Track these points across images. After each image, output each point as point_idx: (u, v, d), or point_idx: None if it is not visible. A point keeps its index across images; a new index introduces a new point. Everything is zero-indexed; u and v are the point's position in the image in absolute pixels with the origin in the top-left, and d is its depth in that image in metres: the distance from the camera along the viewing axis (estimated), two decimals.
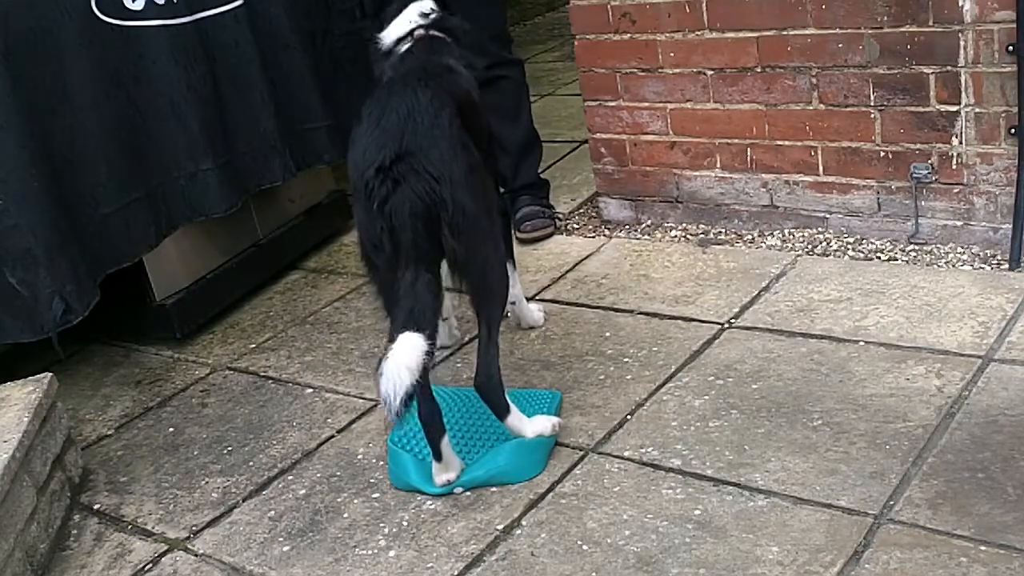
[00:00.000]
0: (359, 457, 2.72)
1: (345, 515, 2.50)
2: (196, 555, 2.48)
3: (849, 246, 3.30)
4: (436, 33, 2.70)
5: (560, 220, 3.90)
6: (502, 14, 3.88)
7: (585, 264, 3.53)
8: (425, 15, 2.70)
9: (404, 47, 2.66)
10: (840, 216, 3.37)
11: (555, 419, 2.56)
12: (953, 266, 3.08)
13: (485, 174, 2.51)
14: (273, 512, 2.57)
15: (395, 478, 2.56)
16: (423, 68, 2.51)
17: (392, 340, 2.18)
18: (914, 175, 3.17)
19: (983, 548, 2.01)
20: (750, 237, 3.51)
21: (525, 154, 3.87)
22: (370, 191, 2.23)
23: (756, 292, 3.13)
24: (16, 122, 2.89)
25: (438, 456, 2.44)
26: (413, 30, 2.68)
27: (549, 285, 3.41)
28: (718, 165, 3.55)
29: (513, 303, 3.03)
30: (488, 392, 2.42)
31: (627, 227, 3.78)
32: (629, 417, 2.65)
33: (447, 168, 2.26)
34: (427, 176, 2.23)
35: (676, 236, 3.62)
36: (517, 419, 2.48)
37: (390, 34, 2.71)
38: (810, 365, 2.71)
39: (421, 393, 2.26)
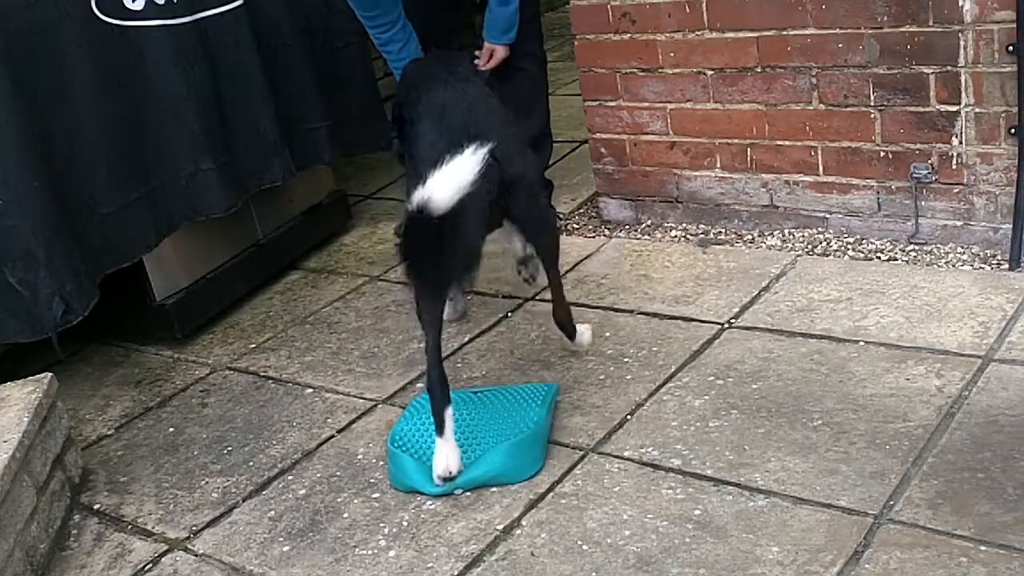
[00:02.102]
0: (359, 457, 2.72)
1: (345, 515, 2.50)
2: (196, 555, 2.48)
3: (849, 246, 3.30)
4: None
5: (561, 220, 3.90)
6: (530, 5, 3.79)
7: (585, 264, 3.53)
8: None
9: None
10: (840, 216, 3.37)
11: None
12: (953, 266, 3.08)
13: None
14: (273, 512, 2.57)
15: (395, 479, 2.56)
16: (454, 66, 2.84)
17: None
18: (914, 175, 3.17)
19: (983, 548, 2.01)
20: (750, 237, 3.51)
21: (534, 150, 3.86)
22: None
23: (756, 292, 3.13)
24: (16, 122, 2.89)
25: (440, 428, 2.44)
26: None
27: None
28: (718, 165, 3.55)
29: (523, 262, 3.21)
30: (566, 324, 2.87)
31: (627, 227, 3.78)
32: (629, 417, 2.65)
33: (508, 148, 2.55)
34: (494, 162, 2.42)
35: (676, 236, 3.62)
36: (581, 333, 2.90)
37: None
38: (810, 365, 2.71)
39: (436, 362, 2.48)
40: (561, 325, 2.88)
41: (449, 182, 2.27)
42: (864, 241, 3.31)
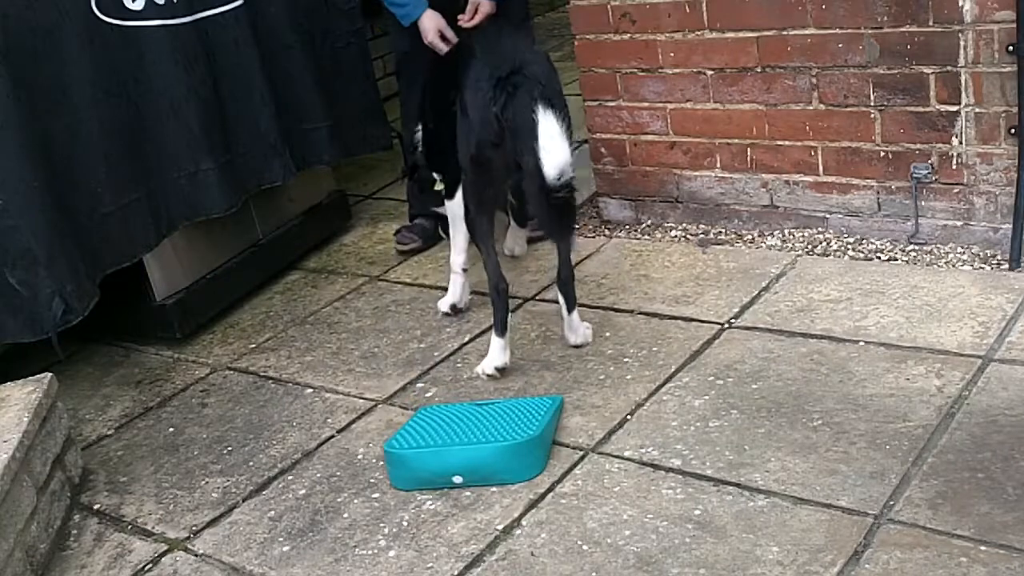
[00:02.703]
0: (359, 457, 2.72)
1: (345, 515, 2.50)
2: (196, 555, 2.48)
3: (849, 246, 3.30)
4: None
5: None
6: (522, 4, 3.84)
7: (585, 264, 3.52)
8: None
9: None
10: (840, 216, 3.37)
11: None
12: (953, 266, 3.08)
13: None
14: (273, 512, 2.57)
15: (396, 479, 2.56)
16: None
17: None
18: (914, 175, 3.17)
19: (983, 548, 2.01)
20: (750, 237, 3.51)
21: None
22: (491, 98, 2.71)
23: (756, 292, 3.12)
24: (16, 122, 2.89)
25: (502, 329, 2.89)
26: None
27: (549, 285, 3.40)
28: (718, 165, 3.55)
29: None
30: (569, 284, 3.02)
31: (627, 227, 3.78)
32: (629, 417, 2.65)
33: (548, 78, 2.82)
34: (536, 83, 2.71)
35: (676, 236, 3.62)
36: (576, 320, 3.01)
37: None
38: (810, 365, 2.71)
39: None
40: (564, 287, 2.97)
41: (559, 151, 2.59)
42: (864, 241, 3.31)
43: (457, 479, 2.49)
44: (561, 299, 2.99)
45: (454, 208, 3.25)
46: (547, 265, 3.56)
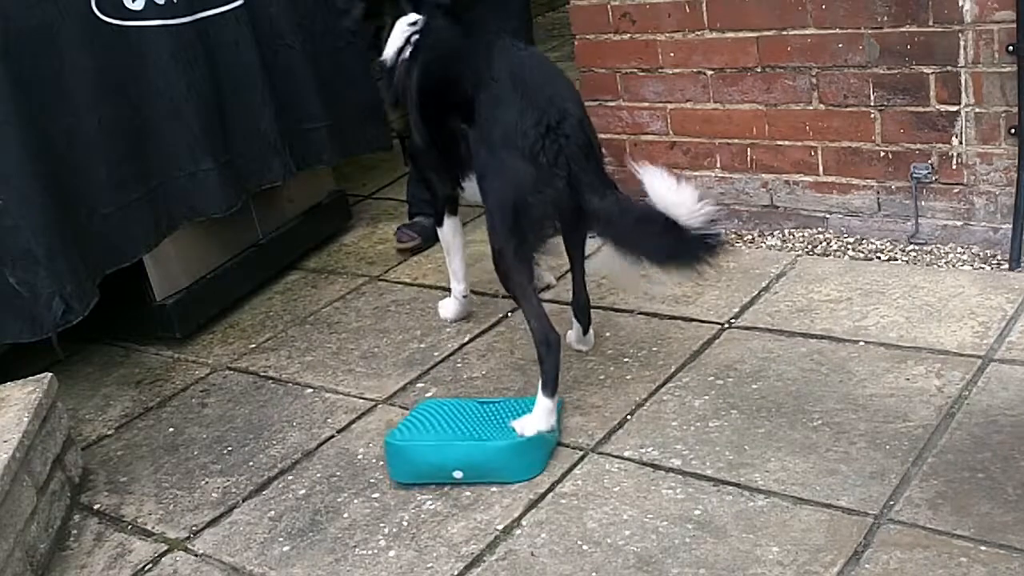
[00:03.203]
0: (359, 457, 2.72)
1: (345, 515, 2.50)
2: (196, 555, 2.48)
3: (849, 246, 3.30)
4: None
5: None
6: (524, 7, 3.84)
7: (585, 264, 3.51)
8: (413, 23, 2.94)
9: (413, 39, 2.91)
10: (840, 216, 3.37)
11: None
12: (953, 266, 3.08)
13: None
14: (273, 512, 2.57)
15: (395, 471, 2.56)
16: (478, 30, 2.89)
17: None
18: (914, 175, 3.17)
19: (983, 548, 2.01)
20: (750, 237, 3.51)
21: None
22: (540, 146, 2.49)
23: (756, 292, 3.12)
24: (16, 122, 2.89)
25: (553, 389, 2.58)
26: (409, 37, 2.91)
27: (549, 286, 3.41)
28: (718, 165, 3.55)
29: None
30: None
31: None
32: (629, 417, 2.65)
33: (588, 121, 2.63)
34: (582, 131, 2.56)
35: None
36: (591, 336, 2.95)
37: (389, 50, 2.96)
38: (810, 365, 2.71)
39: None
40: (581, 313, 2.91)
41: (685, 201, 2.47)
42: (864, 241, 3.31)
43: (457, 474, 2.49)
44: (577, 324, 2.95)
45: (446, 236, 3.23)
46: (547, 265, 3.56)
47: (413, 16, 2.98)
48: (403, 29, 2.96)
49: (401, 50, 2.94)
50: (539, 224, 2.58)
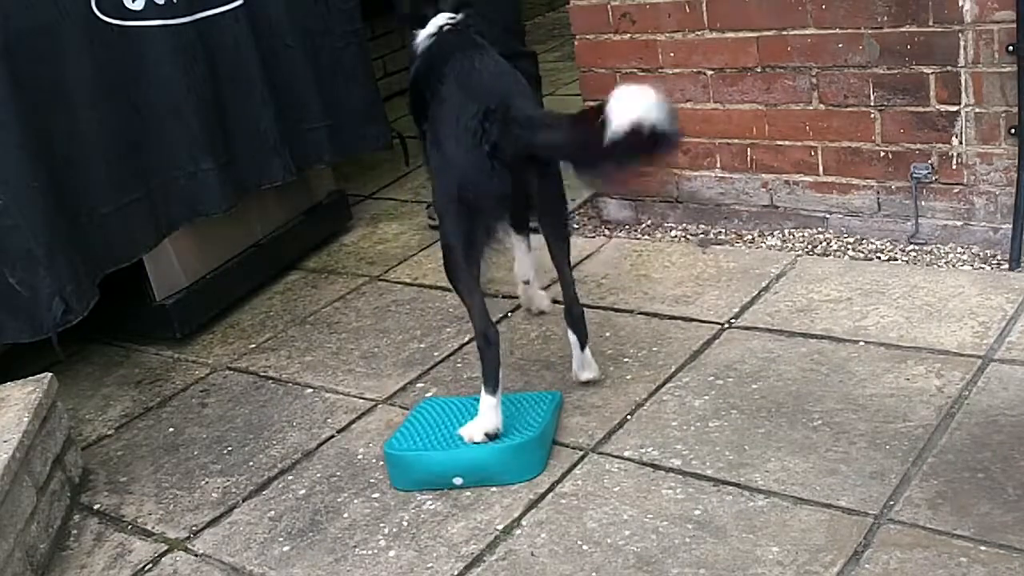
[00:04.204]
0: (359, 457, 2.72)
1: (345, 515, 2.50)
2: (196, 555, 2.48)
3: (849, 246, 3.30)
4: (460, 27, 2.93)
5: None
6: (515, 6, 3.89)
7: (585, 264, 3.52)
8: (452, 18, 2.91)
9: (433, 37, 2.89)
10: (840, 216, 3.37)
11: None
12: (953, 266, 3.08)
13: None
14: (273, 512, 2.57)
15: (396, 480, 2.56)
16: (468, 40, 2.79)
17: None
18: (914, 175, 3.17)
19: (983, 548, 2.01)
20: (750, 237, 3.51)
21: None
22: (480, 135, 2.43)
23: (756, 292, 3.13)
24: (16, 122, 2.89)
25: (494, 386, 2.51)
26: (442, 26, 2.89)
27: (549, 285, 3.40)
28: (718, 165, 3.55)
29: (526, 282, 3.20)
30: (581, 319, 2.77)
31: (627, 227, 3.78)
32: (629, 417, 2.65)
33: (535, 112, 2.58)
34: (524, 119, 2.45)
35: (676, 236, 3.62)
36: (589, 356, 2.80)
37: (423, 33, 2.92)
38: (810, 365, 2.71)
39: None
40: (575, 325, 2.74)
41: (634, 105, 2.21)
42: (864, 241, 3.31)
43: (457, 480, 2.49)
44: (572, 335, 2.76)
45: None
46: (547, 265, 3.55)
47: (447, 16, 2.92)
48: (436, 24, 2.91)
49: (431, 36, 2.91)
50: (484, 218, 2.52)
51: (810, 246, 3.35)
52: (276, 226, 3.94)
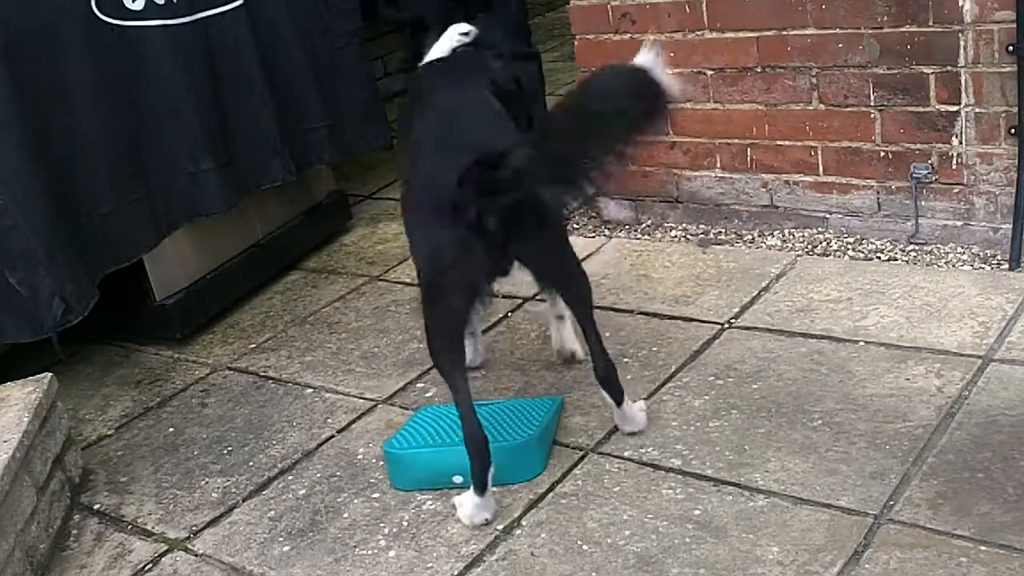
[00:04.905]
0: (359, 457, 2.72)
1: (345, 515, 2.50)
2: (196, 555, 2.48)
3: (849, 246, 3.30)
4: (471, 49, 2.72)
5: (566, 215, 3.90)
6: (522, 7, 3.89)
7: (585, 264, 3.48)
8: (464, 34, 2.72)
9: (438, 64, 2.70)
10: (840, 216, 3.37)
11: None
12: (953, 266, 3.08)
13: None
14: (273, 512, 2.57)
15: (395, 479, 2.56)
16: (474, 65, 2.60)
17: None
18: (914, 175, 3.17)
19: (983, 548, 2.01)
20: (750, 237, 3.51)
21: None
22: (458, 209, 2.11)
23: (756, 292, 3.12)
24: (16, 122, 2.89)
25: (481, 488, 2.32)
26: (455, 48, 2.70)
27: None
28: (718, 165, 3.55)
29: (559, 317, 2.88)
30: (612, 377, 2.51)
31: (627, 227, 3.78)
32: None
33: (529, 167, 2.12)
34: (507, 173, 2.11)
35: (676, 236, 3.62)
36: (630, 408, 2.54)
37: (435, 48, 2.74)
38: (810, 365, 2.71)
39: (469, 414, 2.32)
40: (606, 383, 2.49)
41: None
42: (864, 241, 3.31)
43: (457, 479, 2.48)
44: (606, 395, 2.52)
45: None
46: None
47: (465, 26, 2.74)
48: (453, 36, 2.72)
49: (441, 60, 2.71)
50: (462, 296, 2.24)
51: (810, 246, 3.35)
52: (276, 226, 3.94)
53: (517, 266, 2.35)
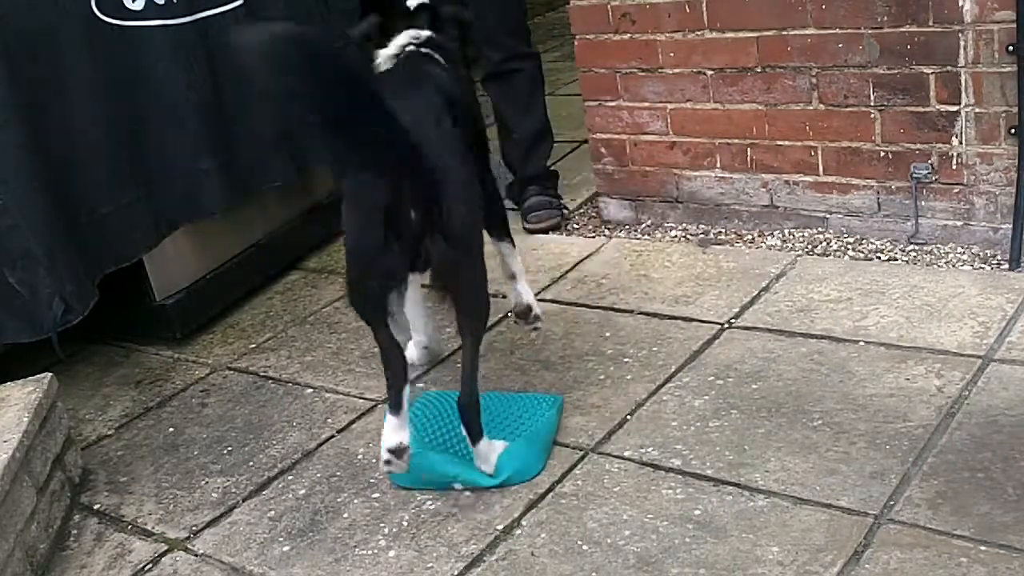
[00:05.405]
0: (359, 457, 2.72)
1: (345, 515, 2.50)
2: (196, 555, 2.48)
3: (849, 246, 3.30)
4: (424, 51, 2.69)
5: (567, 212, 3.90)
6: (520, 7, 3.89)
7: (585, 264, 3.53)
8: (417, 38, 2.71)
9: (388, 64, 2.68)
10: (840, 216, 3.37)
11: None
12: (953, 266, 3.08)
13: (478, 185, 2.51)
14: (273, 512, 2.57)
15: (395, 477, 2.56)
16: (410, 78, 2.57)
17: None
18: (914, 175, 3.17)
19: (983, 548, 2.01)
20: (750, 237, 3.51)
21: (535, 145, 3.91)
22: (384, 214, 2.19)
23: (756, 292, 3.13)
24: (16, 122, 2.89)
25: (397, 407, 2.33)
26: (405, 46, 2.69)
27: (549, 285, 3.41)
28: (718, 165, 3.55)
29: (513, 277, 2.91)
30: (470, 412, 2.39)
31: (627, 227, 3.78)
32: (629, 417, 2.65)
33: (449, 174, 2.25)
34: (430, 179, 2.21)
35: (676, 236, 3.63)
36: (486, 447, 2.43)
37: (383, 54, 2.72)
38: (810, 365, 2.71)
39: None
40: (464, 414, 2.38)
41: None
42: (864, 241, 3.31)
43: (458, 486, 2.48)
44: (464, 430, 2.41)
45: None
46: (547, 265, 3.57)
47: (421, 32, 2.72)
48: (405, 39, 2.70)
49: (390, 59, 2.70)
50: (379, 280, 2.34)
51: (810, 246, 3.35)
52: (276, 226, 3.94)
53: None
